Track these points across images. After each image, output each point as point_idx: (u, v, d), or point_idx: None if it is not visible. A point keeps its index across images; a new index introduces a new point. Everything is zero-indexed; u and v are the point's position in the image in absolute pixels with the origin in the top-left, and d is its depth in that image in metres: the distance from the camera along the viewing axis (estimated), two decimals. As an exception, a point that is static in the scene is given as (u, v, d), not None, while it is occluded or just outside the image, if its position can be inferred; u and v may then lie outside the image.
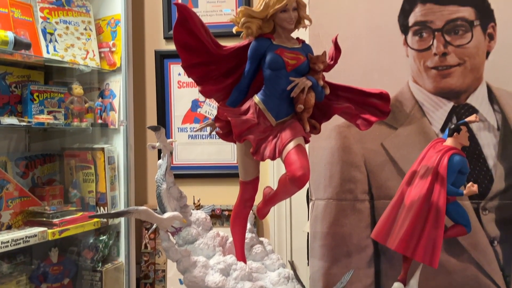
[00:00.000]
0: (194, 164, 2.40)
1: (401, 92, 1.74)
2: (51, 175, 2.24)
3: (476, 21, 1.71)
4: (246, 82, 1.34)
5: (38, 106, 2.05)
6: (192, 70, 1.31)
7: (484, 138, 1.69)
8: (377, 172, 1.74)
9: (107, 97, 2.27)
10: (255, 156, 1.27)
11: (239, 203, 1.44)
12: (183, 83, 2.40)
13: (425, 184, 1.34)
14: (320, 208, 1.75)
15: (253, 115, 1.28)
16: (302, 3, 1.30)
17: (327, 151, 1.76)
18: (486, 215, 1.68)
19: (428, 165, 1.38)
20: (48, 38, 2.07)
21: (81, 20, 2.20)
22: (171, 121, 2.41)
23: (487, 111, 1.69)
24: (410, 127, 1.73)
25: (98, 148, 2.19)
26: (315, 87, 1.30)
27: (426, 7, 1.74)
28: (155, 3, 2.40)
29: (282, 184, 1.27)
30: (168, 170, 1.44)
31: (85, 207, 2.20)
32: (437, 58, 1.72)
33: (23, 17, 1.99)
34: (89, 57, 2.19)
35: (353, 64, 1.72)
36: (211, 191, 2.35)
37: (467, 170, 1.39)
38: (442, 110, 1.72)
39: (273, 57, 1.27)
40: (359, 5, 1.77)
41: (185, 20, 1.21)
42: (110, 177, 2.20)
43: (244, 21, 1.27)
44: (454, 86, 1.72)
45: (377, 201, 1.73)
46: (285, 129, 1.26)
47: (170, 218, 1.28)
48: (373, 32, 1.75)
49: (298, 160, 1.18)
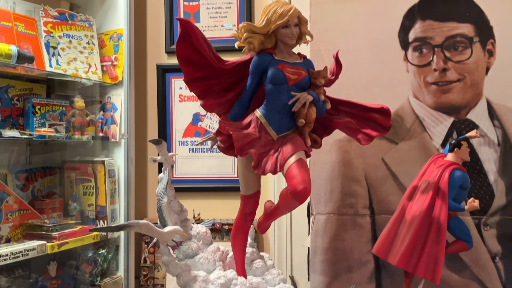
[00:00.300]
0: (194, 177, 2.39)
1: (402, 107, 1.75)
2: (51, 188, 2.23)
3: (475, 37, 1.72)
4: (247, 96, 1.35)
5: (39, 119, 2.05)
6: (194, 84, 1.31)
7: (485, 154, 1.69)
8: (378, 187, 1.73)
9: (109, 110, 2.27)
10: (257, 170, 1.27)
11: (240, 217, 1.43)
12: (184, 97, 2.40)
13: (426, 199, 1.34)
14: (321, 223, 1.75)
15: (254, 129, 1.29)
16: (303, 19, 1.32)
17: (328, 165, 1.76)
18: (487, 230, 1.67)
19: (429, 180, 1.38)
20: (51, 52, 2.08)
21: (84, 34, 2.22)
22: (172, 134, 2.41)
23: (487, 126, 1.70)
24: (411, 142, 1.73)
25: (98, 161, 2.18)
26: (316, 101, 1.31)
27: (426, 24, 1.75)
28: (157, 17, 2.42)
29: (283, 198, 1.27)
30: (169, 184, 1.43)
31: (85, 220, 2.19)
32: (437, 73, 1.73)
33: (27, 31, 2.01)
34: (91, 71, 2.20)
35: (353, 79, 1.73)
36: (212, 205, 2.33)
37: (468, 185, 1.39)
38: (442, 125, 1.72)
39: (275, 72, 1.28)
40: (359, 21, 1.79)
41: (187, 35, 1.23)
42: (110, 190, 2.19)
43: (246, 37, 1.29)
44: (454, 101, 1.72)
45: (378, 216, 1.72)
46: (287, 143, 1.27)
47: (170, 232, 1.27)
48: (373, 47, 1.77)
49: (299, 174, 1.18)
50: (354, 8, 1.80)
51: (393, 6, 1.78)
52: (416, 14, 1.77)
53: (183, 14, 2.40)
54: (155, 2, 2.43)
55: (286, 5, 1.28)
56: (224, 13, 2.38)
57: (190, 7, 2.41)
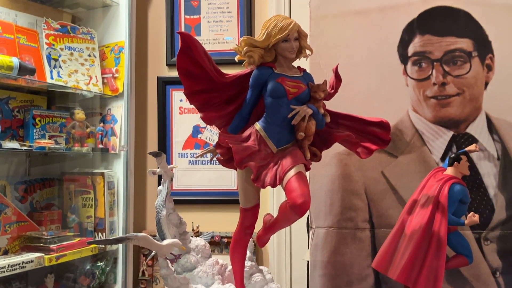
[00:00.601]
0: (194, 189, 2.38)
1: (401, 120, 1.75)
2: (50, 199, 2.22)
3: (474, 52, 1.73)
4: (247, 109, 1.35)
5: (40, 130, 2.05)
6: (195, 97, 1.32)
7: (484, 168, 1.69)
8: (377, 201, 1.73)
9: (109, 122, 2.28)
10: (256, 183, 1.27)
11: (239, 230, 1.42)
12: (184, 109, 2.41)
13: (426, 213, 1.34)
14: (321, 237, 1.74)
15: (254, 142, 1.29)
16: (303, 33, 1.33)
17: (328, 178, 1.75)
18: (488, 245, 1.66)
19: (428, 194, 1.37)
20: (53, 64, 2.09)
21: (85, 47, 2.23)
22: (172, 146, 2.41)
23: (486, 140, 1.70)
24: (410, 155, 1.73)
25: (98, 173, 2.18)
26: (316, 115, 1.31)
27: (425, 38, 1.76)
28: (158, 30, 2.44)
29: (283, 212, 1.27)
30: (168, 196, 1.43)
31: (83, 232, 2.17)
32: (436, 87, 1.74)
33: (29, 43, 2.02)
34: (92, 83, 2.21)
35: (353, 92, 1.74)
36: (211, 218, 2.33)
37: (468, 200, 1.38)
38: (442, 139, 1.72)
39: (275, 85, 1.29)
40: (358, 35, 1.80)
41: (188, 49, 1.24)
42: (109, 202, 2.18)
43: (247, 50, 1.30)
44: (453, 115, 1.73)
45: (378, 229, 1.71)
46: (286, 156, 1.27)
47: (169, 245, 1.27)
48: (372, 61, 1.78)
49: (299, 188, 1.18)
50: (354, 22, 1.81)
51: (392, 21, 1.79)
52: (415, 29, 1.78)
53: (184, 27, 2.42)
54: (157, 15, 2.45)
55: (286, 20, 1.29)
56: (224, 26, 2.40)
57: (191, 20, 2.43)
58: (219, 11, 2.42)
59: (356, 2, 1.82)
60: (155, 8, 2.45)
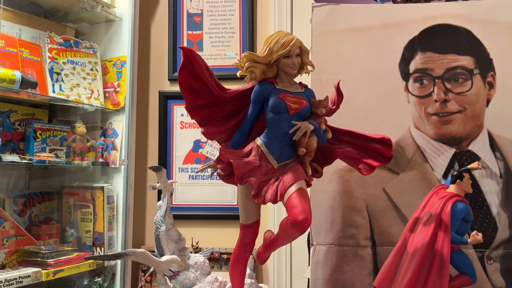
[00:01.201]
0: (193, 205, 2.37)
1: (403, 137, 1.74)
2: (48, 213, 2.21)
3: (475, 69, 1.73)
4: (248, 124, 1.35)
5: (40, 144, 2.06)
6: (196, 112, 1.32)
7: (487, 186, 1.67)
8: (379, 218, 1.71)
9: (110, 136, 2.28)
10: (257, 199, 1.26)
11: (239, 247, 1.40)
12: (185, 124, 2.41)
13: (429, 231, 1.32)
14: (322, 254, 1.72)
15: (255, 157, 1.28)
16: (305, 49, 1.33)
17: (329, 195, 1.73)
18: (491, 264, 1.64)
19: (431, 211, 1.36)
20: (55, 78, 2.11)
21: (88, 61, 2.25)
22: (172, 161, 2.41)
23: (489, 158, 1.69)
24: (412, 172, 1.71)
25: (97, 187, 2.18)
26: (317, 131, 1.30)
27: (426, 55, 1.76)
28: (161, 45, 2.46)
29: (283, 229, 1.25)
30: (167, 212, 1.42)
31: (82, 247, 2.16)
32: (437, 104, 1.73)
33: (32, 57, 2.04)
34: (94, 97, 2.21)
35: (353, 108, 1.73)
36: (210, 233, 2.31)
37: (471, 218, 1.37)
38: (443, 156, 1.71)
39: (276, 101, 1.29)
40: (360, 51, 1.80)
41: (190, 64, 1.24)
42: (109, 216, 2.17)
43: (248, 66, 1.30)
44: (455, 132, 1.72)
45: (380, 247, 1.69)
46: (287, 172, 1.26)
47: (168, 261, 1.25)
48: (374, 77, 1.77)
49: (300, 204, 1.17)
50: (355, 39, 1.81)
51: (393, 38, 1.79)
52: (417, 46, 1.78)
53: (186, 42, 2.44)
54: (159, 30, 2.47)
55: (288, 36, 1.29)
56: (227, 42, 2.43)
57: (194, 35, 2.45)
58: (221, 27, 2.44)
59: (358, 19, 1.82)
60: (157, 24, 2.48)
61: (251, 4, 2.39)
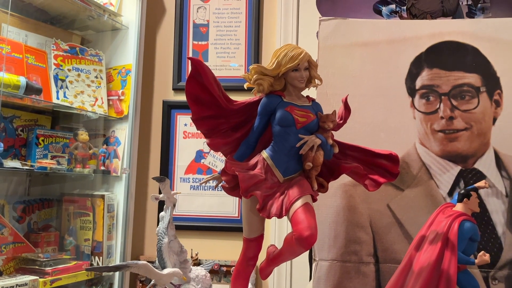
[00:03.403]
0: (194, 215, 2.34)
1: (408, 153, 1.73)
2: (48, 220, 2.19)
3: (482, 87, 1.73)
4: (254, 137, 1.34)
5: (42, 150, 2.03)
6: (202, 123, 1.31)
7: (493, 205, 1.66)
8: (383, 234, 1.69)
9: (112, 144, 2.26)
10: (261, 213, 1.24)
11: (242, 261, 1.38)
12: (188, 133, 2.40)
13: (435, 250, 1.30)
14: (324, 270, 1.69)
15: (260, 170, 1.27)
16: (313, 63, 1.33)
17: (333, 210, 1.72)
18: (495, 285, 1.62)
19: (437, 230, 1.34)
20: (59, 84, 2.09)
21: (93, 69, 2.24)
22: (174, 171, 2.39)
23: (495, 176, 1.68)
24: (417, 189, 1.70)
25: (98, 195, 2.15)
26: (324, 145, 1.29)
27: (433, 72, 1.77)
28: (166, 55, 2.45)
29: (288, 244, 1.23)
30: (170, 223, 1.40)
31: (80, 255, 2.13)
32: (444, 121, 1.73)
33: (37, 63, 2.03)
34: (98, 104, 2.20)
35: (360, 124, 1.73)
36: (211, 245, 2.28)
37: (478, 238, 1.35)
38: (449, 174, 1.70)
39: (283, 114, 1.28)
40: (366, 66, 1.80)
41: (198, 74, 1.23)
42: (108, 225, 2.14)
43: (256, 78, 1.29)
44: (461, 150, 1.71)
45: (383, 264, 1.67)
46: (293, 186, 1.24)
47: (169, 274, 1.23)
48: (380, 93, 1.77)
49: (306, 220, 1.15)
50: (362, 54, 1.81)
51: (400, 53, 1.79)
52: (423, 62, 1.78)
53: (192, 52, 2.43)
54: (165, 39, 2.46)
55: (296, 49, 1.29)
56: (232, 53, 2.42)
57: (199, 46, 2.44)
58: (227, 38, 2.44)
59: (365, 33, 1.83)
60: (163, 33, 2.48)
61: (257, 16, 2.39)
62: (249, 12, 2.41)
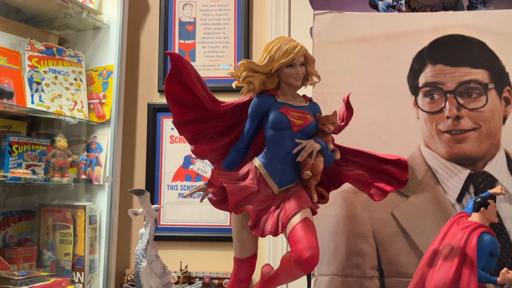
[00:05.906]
0: (183, 225, 2.25)
1: (412, 156, 1.64)
2: (25, 234, 2.07)
3: (490, 84, 1.66)
4: (245, 142, 1.23)
5: (16, 159, 1.93)
6: (185, 127, 1.20)
7: (506, 211, 1.56)
8: (387, 245, 1.60)
9: (93, 151, 2.16)
10: (254, 230, 1.11)
11: (233, 283, 1.26)
12: (176, 138, 2.31)
13: (451, 267, 1.17)
14: (324, 286, 1.59)
15: (252, 181, 1.15)
16: (310, 58, 1.21)
17: (332, 219, 1.63)
18: (510, 299, 1.50)
19: (452, 244, 1.21)
20: (34, 88, 1.99)
21: (71, 70, 2.14)
22: (161, 178, 2.29)
23: (507, 180, 1.59)
24: (423, 195, 1.62)
25: (79, 206, 2.05)
26: (324, 151, 1.18)
27: (437, 68, 1.70)
28: (150, 55, 2.37)
29: (285, 266, 1.10)
30: (150, 242, 1.26)
31: (60, 271, 2.02)
32: (450, 121, 1.65)
33: (9, 65, 1.92)
34: (77, 108, 2.09)
35: (359, 125, 1.63)
36: (201, 256, 2.19)
37: (498, 252, 1.22)
38: (457, 178, 1.62)
39: (278, 116, 1.16)
40: (365, 63, 1.72)
41: (178, 72, 1.11)
42: (90, 238, 2.04)
43: (246, 76, 1.17)
44: (469, 152, 1.63)
45: (388, 278, 1.58)
46: (290, 198, 1.13)
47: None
48: (380, 91, 1.70)
49: (306, 238, 1.02)
50: (360, 50, 1.74)
51: (401, 49, 1.72)
52: (426, 58, 1.72)
53: (178, 52, 2.35)
54: (149, 38, 2.38)
55: (291, 42, 1.17)
56: (221, 52, 2.34)
57: (186, 45, 2.35)
58: (215, 36, 2.36)
59: (362, 28, 1.76)
60: (147, 32, 2.39)
61: (247, 13, 2.33)
62: (238, 9, 2.34)
